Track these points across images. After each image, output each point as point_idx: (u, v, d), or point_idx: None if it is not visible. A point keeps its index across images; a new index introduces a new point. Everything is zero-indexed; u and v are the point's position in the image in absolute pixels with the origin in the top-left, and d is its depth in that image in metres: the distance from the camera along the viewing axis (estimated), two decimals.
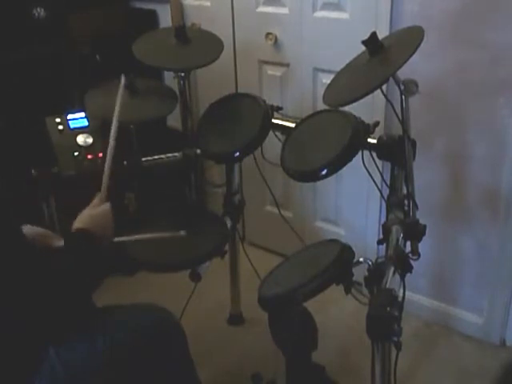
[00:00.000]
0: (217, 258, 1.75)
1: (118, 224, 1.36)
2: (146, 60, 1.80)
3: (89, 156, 1.91)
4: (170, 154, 1.93)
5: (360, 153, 1.48)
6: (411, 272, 1.40)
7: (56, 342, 1.22)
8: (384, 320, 1.21)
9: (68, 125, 1.96)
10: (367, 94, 1.33)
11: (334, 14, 2.16)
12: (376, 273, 1.38)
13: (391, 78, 1.37)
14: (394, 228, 1.46)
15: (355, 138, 1.45)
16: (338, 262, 1.42)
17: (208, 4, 2.58)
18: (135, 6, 2.82)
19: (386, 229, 1.48)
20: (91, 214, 1.32)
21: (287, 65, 2.37)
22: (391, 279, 1.33)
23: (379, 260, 1.41)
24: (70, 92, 2.37)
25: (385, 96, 1.52)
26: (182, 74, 1.91)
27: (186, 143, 1.95)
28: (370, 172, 1.57)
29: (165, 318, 1.41)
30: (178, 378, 1.41)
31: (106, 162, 1.41)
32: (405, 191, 1.54)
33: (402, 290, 1.36)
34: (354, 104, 1.36)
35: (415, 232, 1.48)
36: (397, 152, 1.51)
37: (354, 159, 1.45)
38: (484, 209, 2.00)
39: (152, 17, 2.75)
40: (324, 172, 1.43)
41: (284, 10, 2.30)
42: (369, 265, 1.41)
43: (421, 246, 1.48)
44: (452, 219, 2.09)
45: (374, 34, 1.41)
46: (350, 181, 2.28)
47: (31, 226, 1.37)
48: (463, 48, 1.86)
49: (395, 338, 1.24)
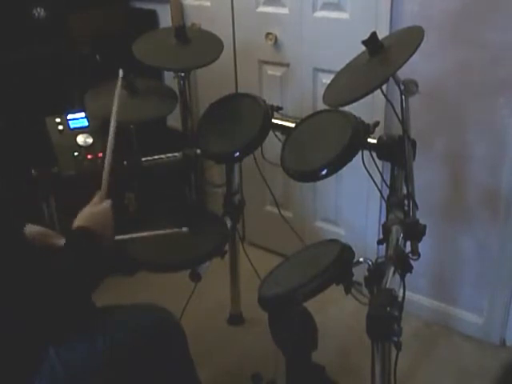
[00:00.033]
0: (217, 258, 1.75)
1: (118, 224, 1.36)
2: (146, 60, 1.80)
3: (89, 156, 1.91)
4: (170, 154, 1.93)
5: (360, 153, 1.48)
6: (411, 272, 1.40)
7: (56, 341, 1.22)
8: (384, 320, 1.21)
9: (68, 125, 1.96)
10: (367, 93, 1.33)
11: (333, 14, 2.16)
12: (376, 273, 1.38)
13: (391, 78, 1.37)
14: (394, 228, 1.46)
15: (355, 137, 1.45)
16: (338, 262, 1.42)
17: (208, 4, 2.58)
18: (135, 5, 2.82)
19: (385, 229, 1.48)
20: (92, 211, 1.33)
21: (287, 65, 2.37)
22: (391, 279, 1.33)
23: (379, 260, 1.41)
24: (69, 92, 2.37)
25: (385, 96, 1.52)
26: (182, 74, 1.91)
27: (186, 143, 1.95)
28: (370, 172, 1.57)
29: (165, 318, 1.41)
30: (177, 377, 1.41)
31: (105, 159, 1.41)
32: (405, 191, 1.54)
33: (402, 290, 1.36)
34: (354, 104, 1.36)
35: (415, 232, 1.48)
36: (397, 152, 1.51)
37: (354, 159, 1.45)
38: (484, 209, 2.00)
39: (152, 17, 2.75)
40: (324, 172, 1.43)
41: (284, 10, 2.30)
42: (369, 265, 1.41)
43: (421, 246, 1.48)
44: (452, 219, 2.09)
45: (373, 34, 1.41)
46: (350, 181, 2.28)
47: (32, 225, 1.37)
48: (463, 48, 1.86)
49: (395, 338, 1.24)
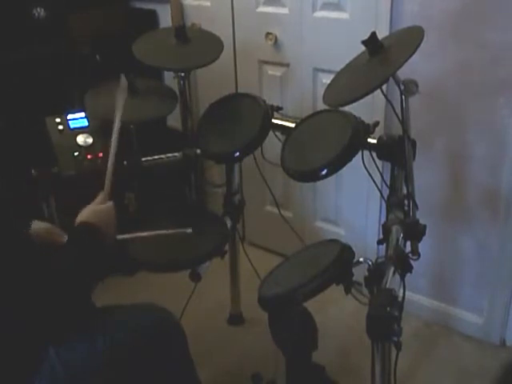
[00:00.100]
0: (217, 258, 1.75)
1: (118, 224, 1.36)
2: (146, 60, 1.80)
3: (89, 156, 1.91)
4: (170, 154, 1.93)
5: (360, 153, 1.48)
6: (411, 272, 1.40)
7: (56, 341, 1.22)
8: (384, 320, 1.21)
9: (68, 125, 1.96)
10: (367, 93, 1.33)
11: (333, 14, 2.16)
12: (376, 273, 1.38)
13: (391, 78, 1.37)
14: (394, 228, 1.46)
15: (355, 137, 1.45)
16: (338, 262, 1.42)
17: (208, 4, 2.58)
18: (135, 5, 2.82)
19: (385, 229, 1.48)
20: (95, 209, 1.33)
21: (287, 65, 2.37)
22: (391, 279, 1.32)
23: (379, 260, 1.41)
24: (69, 92, 2.37)
25: (385, 96, 1.52)
26: (182, 74, 1.91)
27: (186, 143, 1.95)
28: (370, 172, 1.57)
29: (165, 318, 1.41)
30: (177, 378, 1.41)
31: (108, 162, 1.42)
32: (405, 191, 1.54)
33: (402, 290, 1.36)
34: (354, 104, 1.36)
35: (415, 232, 1.47)
36: (397, 152, 1.51)
37: (354, 159, 1.45)
38: (484, 209, 2.00)
39: (152, 17, 2.75)
40: (324, 172, 1.43)
41: (284, 10, 2.30)
42: (369, 265, 1.41)
43: (421, 246, 1.48)
44: (452, 219, 2.09)
45: (373, 34, 1.41)
46: (350, 181, 2.28)
47: (38, 222, 1.37)
48: (463, 48, 1.86)
49: (395, 338, 1.23)
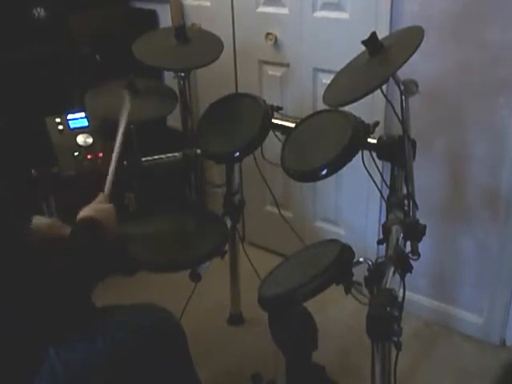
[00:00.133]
0: (217, 258, 1.75)
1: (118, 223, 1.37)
2: (146, 60, 1.80)
3: (89, 156, 1.91)
4: (170, 154, 1.93)
5: (360, 153, 1.48)
6: (411, 272, 1.40)
7: (56, 341, 1.22)
8: (384, 320, 1.21)
9: (68, 125, 1.96)
10: (367, 93, 1.33)
11: (333, 14, 2.15)
12: (376, 273, 1.37)
13: (391, 78, 1.37)
14: (394, 228, 1.46)
15: (355, 137, 1.45)
16: (338, 262, 1.42)
17: (208, 4, 2.58)
18: (135, 5, 2.82)
19: (385, 229, 1.48)
20: (95, 207, 1.35)
21: (287, 65, 2.37)
22: (391, 279, 1.32)
23: (379, 260, 1.41)
24: (69, 92, 2.37)
25: (385, 96, 1.52)
26: (182, 74, 1.91)
27: (186, 143, 1.95)
28: (370, 172, 1.56)
29: (165, 318, 1.41)
30: (177, 377, 1.41)
31: (110, 167, 1.43)
32: (405, 191, 1.54)
33: (402, 290, 1.36)
34: (354, 104, 1.36)
35: (415, 232, 1.47)
36: (397, 152, 1.50)
37: (354, 159, 1.45)
38: (484, 209, 2.00)
39: (152, 17, 2.75)
40: (324, 172, 1.43)
41: (284, 10, 2.30)
42: (369, 265, 1.41)
43: (421, 246, 1.48)
44: (452, 219, 2.09)
45: (373, 34, 1.41)
46: (350, 181, 2.28)
47: (39, 217, 1.37)
48: (463, 48, 1.86)
49: (395, 338, 1.23)
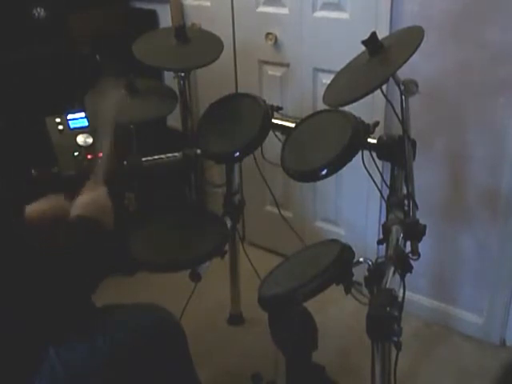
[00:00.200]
0: (217, 258, 1.75)
1: (118, 224, 1.36)
2: (146, 60, 1.80)
3: (89, 156, 1.91)
4: (170, 154, 1.93)
5: (360, 153, 1.48)
6: (411, 272, 1.40)
7: (56, 341, 1.22)
8: (384, 320, 1.21)
9: (68, 125, 1.96)
10: (367, 93, 1.33)
11: (333, 14, 2.16)
12: (376, 273, 1.37)
13: (391, 78, 1.37)
14: (394, 228, 1.46)
15: (355, 137, 1.44)
16: (338, 262, 1.42)
17: (208, 4, 2.58)
18: (135, 5, 2.82)
19: (385, 229, 1.48)
20: (87, 202, 1.31)
21: (287, 65, 2.37)
22: (391, 279, 1.32)
23: (379, 260, 1.41)
24: (70, 92, 2.37)
25: (385, 96, 1.52)
26: (182, 74, 1.91)
27: (186, 143, 1.95)
28: (370, 172, 1.57)
29: (165, 318, 1.41)
30: (177, 377, 1.41)
31: (103, 147, 1.41)
32: (405, 191, 1.54)
33: (402, 290, 1.36)
34: (354, 104, 1.36)
35: (415, 232, 1.47)
36: (397, 152, 1.50)
37: (354, 159, 1.45)
38: (484, 209, 2.00)
39: (152, 17, 2.75)
40: (324, 172, 1.43)
41: (284, 10, 2.30)
42: (369, 265, 1.41)
43: (421, 246, 1.48)
44: (452, 219, 2.09)
45: (373, 34, 1.41)
46: (350, 181, 2.28)
47: (44, 200, 1.36)
48: (463, 48, 1.86)
49: (395, 338, 1.23)
